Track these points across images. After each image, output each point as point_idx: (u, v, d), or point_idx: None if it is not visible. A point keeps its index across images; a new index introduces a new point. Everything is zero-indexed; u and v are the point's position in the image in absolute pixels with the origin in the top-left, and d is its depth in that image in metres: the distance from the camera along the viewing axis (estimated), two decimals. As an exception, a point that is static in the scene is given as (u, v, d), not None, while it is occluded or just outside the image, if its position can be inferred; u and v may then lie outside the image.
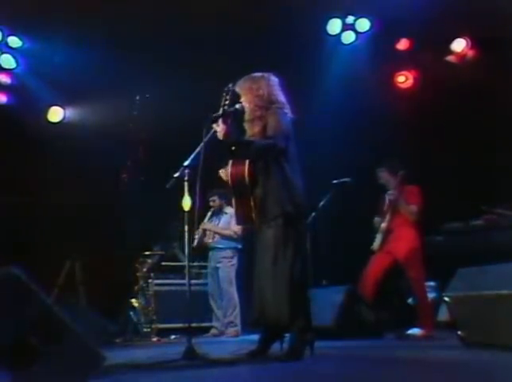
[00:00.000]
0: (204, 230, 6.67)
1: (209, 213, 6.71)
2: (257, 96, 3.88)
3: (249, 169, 3.83)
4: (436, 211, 5.98)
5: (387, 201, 5.46)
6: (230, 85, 3.89)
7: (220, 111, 3.81)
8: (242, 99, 3.92)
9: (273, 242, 3.71)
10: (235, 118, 3.90)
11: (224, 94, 3.85)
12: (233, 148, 3.84)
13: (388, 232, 5.43)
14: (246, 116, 3.93)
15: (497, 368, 2.97)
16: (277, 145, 3.76)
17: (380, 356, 4.14)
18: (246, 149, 3.81)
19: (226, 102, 3.83)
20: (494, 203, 5.60)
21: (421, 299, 5.29)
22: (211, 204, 6.66)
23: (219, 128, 3.75)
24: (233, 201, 4.04)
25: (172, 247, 7.05)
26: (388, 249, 5.42)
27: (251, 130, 3.90)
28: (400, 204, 5.37)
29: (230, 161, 3.92)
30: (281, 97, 3.96)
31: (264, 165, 3.82)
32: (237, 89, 3.92)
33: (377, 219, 5.54)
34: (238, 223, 4.22)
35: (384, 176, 5.52)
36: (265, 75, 3.99)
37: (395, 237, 5.39)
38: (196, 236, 6.41)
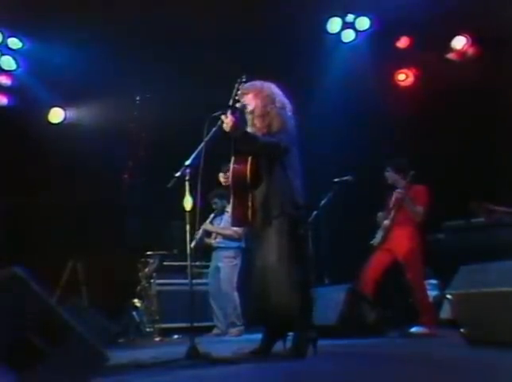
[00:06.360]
0: (206, 231, 6.65)
1: (212, 215, 6.68)
2: (268, 96, 3.88)
3: (251, 166, 3.80)
4: (437, 209, 5.98)
5: (394, 198, 5.41)
6: (244, 77, 3.86)
7: (230, 102, 3.79)
8: (248, 98, 3.90)
9: (276, 242, 3.70)
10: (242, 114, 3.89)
11: (237, 85, 3.83)
12: (238, 143, 3.81)
13: (390, 230, 5.42)
14: (256, 112, 3.89)
15: (499, 366, 2.96)
16: (282, 143, 3.77)
17: (383, 354, 4.14)
18: (251, 142, 3.79)
19: (239, 92, 3.82)
20: (495, 201, 5.60)
21: (422, 299, 5.25)
22: (214, 206, 6.64)
23: (227, 119, 3.71)
24: (231, 200, 3.98)
25: (172, 254, 7.03)
26: (388, 247, 5.40)
27: (257, 127, 3.88)
28: (407, 204, 5.32)
29: (233, 158, 3.89)
30: (288, 103, 3.97)
31: (267, 164, 3.81)
32: (245, 90, 3.88)
33: (380, 214, 5.51)
34: (233, 225, 4.19)
35: (391, 176, 5.44)
36: (272, 83, 4.00)
37: (395, 236, 5.37)
38: (196, 237, 6.37)
